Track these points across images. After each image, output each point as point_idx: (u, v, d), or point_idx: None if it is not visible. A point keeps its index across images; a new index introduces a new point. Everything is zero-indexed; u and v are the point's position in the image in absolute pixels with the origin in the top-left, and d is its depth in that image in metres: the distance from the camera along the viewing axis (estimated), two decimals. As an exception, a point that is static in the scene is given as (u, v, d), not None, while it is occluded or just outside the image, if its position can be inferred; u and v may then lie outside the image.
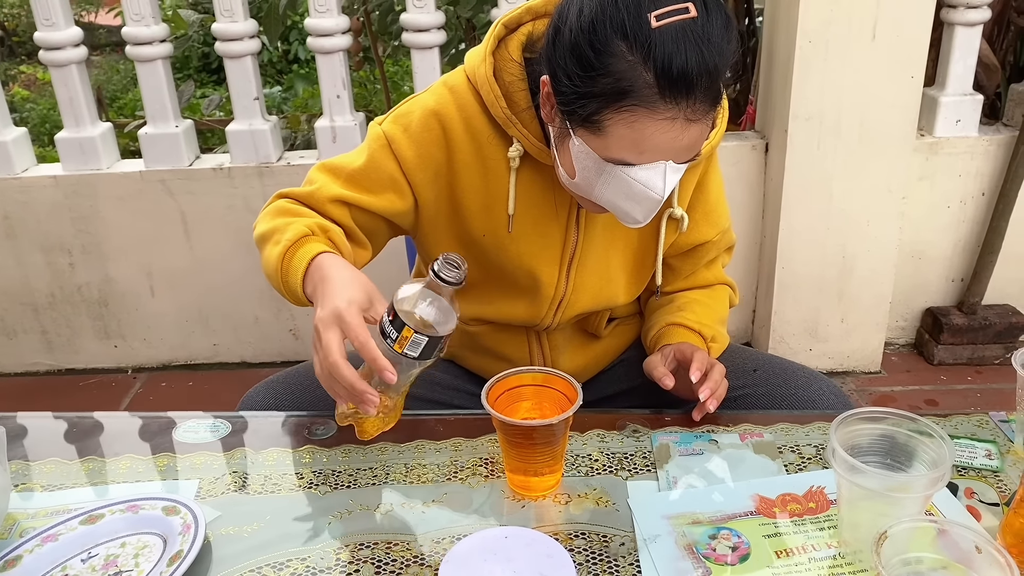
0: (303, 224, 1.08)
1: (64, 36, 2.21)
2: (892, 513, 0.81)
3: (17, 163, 2.34)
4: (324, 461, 1.05)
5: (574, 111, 0.95)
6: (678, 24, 0.88)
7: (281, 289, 1.07)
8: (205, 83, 5.46)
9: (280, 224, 1.09)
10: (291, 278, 1.04)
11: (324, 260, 1.03)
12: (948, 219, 2.43)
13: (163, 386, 2.50)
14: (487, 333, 1.26)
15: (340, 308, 0.93)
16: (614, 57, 0.90)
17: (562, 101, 0.97)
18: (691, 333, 1.22)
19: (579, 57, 0.92)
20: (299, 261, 1.04)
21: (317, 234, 1.08)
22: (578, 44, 0.92)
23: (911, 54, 2.09)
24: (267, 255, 1.09)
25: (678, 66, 0.88)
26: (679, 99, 0.90)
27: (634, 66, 0.90)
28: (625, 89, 0.90)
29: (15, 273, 2.43)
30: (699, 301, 1.28)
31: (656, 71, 0.89)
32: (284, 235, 1.07)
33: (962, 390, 2.36)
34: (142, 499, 0.96)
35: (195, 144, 2.41)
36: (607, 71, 0.91)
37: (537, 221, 1.15)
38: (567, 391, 0.99)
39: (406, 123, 1.13)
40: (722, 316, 1.29)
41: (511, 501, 0.98)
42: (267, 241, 1.10)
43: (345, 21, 2.21)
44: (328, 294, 0.97)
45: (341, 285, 0.97)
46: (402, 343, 0.92)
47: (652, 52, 0.88)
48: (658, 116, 0.91)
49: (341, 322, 0.93)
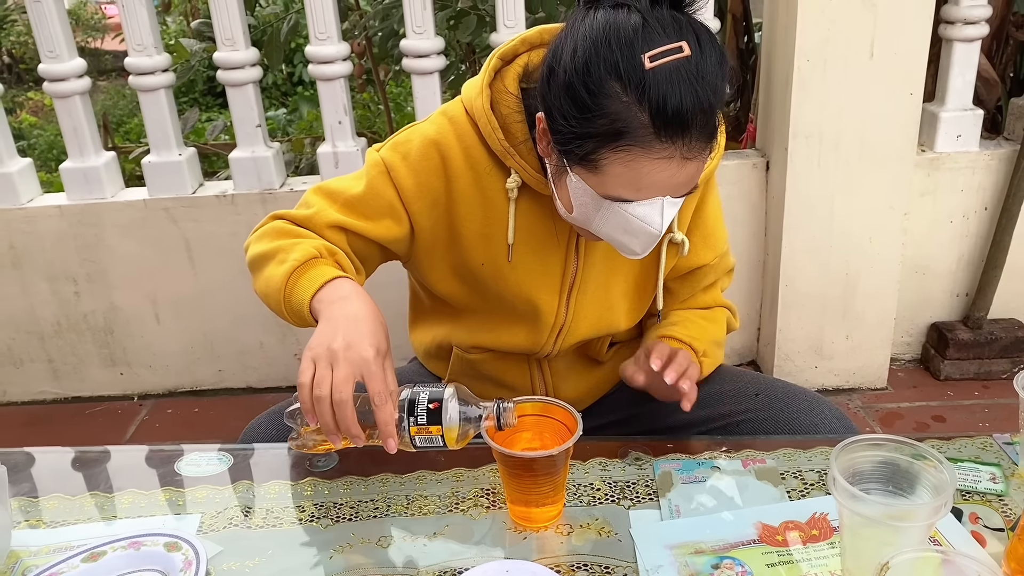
0: (311, 246, 1.07)
1: (67, 68, 2.23)
2: (895, 541, 0.81)
3: (23, 193, 2.35)
4: (326, 493, 1.05)
5: (571, 150, 0.96)
6: (672, 64, 0.88)
7: (281, 307, 1.06)
8: (210, 106, 5.50)
9: (285, 244, 1.08)
10: (296, 297, 1.03)
11: (345, 286, 1.02)
12: (951, 234, 2.43)
13: (169, 413, 2.51)
14: (488, 361, 1.26)
15: (367, 356, 0.93)
16: (609, 98, 0.90)
17: (558, 140, 0.97)
18: (681, 345, 1.21)
19: (574, 98, 0.93)
20: (309, 281, 1.03)
21: (325, 256, 1.07)
22: (572, 85, 0.92)
23: (910, 71, 2.09)
24: (269, 273, 1.08)
25: (673, 106, 0.88)
26: (675, 138, 0.90)
27: (629, 107, 0.90)
28: (620, 130, 0.91)
29: (21, 302, 2.45)
30: (693, 320, 1.27)
31: (651, 111, 0.89)
32: (290, 255, 1.06)
33: (969, 405, 2.35)
34: (144, 535, 0.96)
35: (198, 172, 2.43)
36: (602, 112, 0.91)
37: (536, 250, 1.15)
38: (567, 420, 0.99)
39: (405, 151, 1.13)
40: (717, 337, 1.28)
41: (513, 532, 0.97)
42: (269, 260, 1.09)
43: (345, 48, 2.23)
44: (350, 329, 0.95)
45: (366, 323, 0.96)
46: (421, 431, 0.93)
47: (647, 93, 0.88)
48: (654, 155, 0.91)
49: (365, 368, 0.92)
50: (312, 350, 0.95)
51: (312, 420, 0.94)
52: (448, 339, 1.28)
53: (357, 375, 0.92)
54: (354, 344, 0.93)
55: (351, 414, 0.91)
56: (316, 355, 0.94)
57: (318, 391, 0.92)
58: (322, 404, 0.92)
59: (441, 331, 1.29)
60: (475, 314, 1.23)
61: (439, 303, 1.26)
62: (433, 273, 1.19)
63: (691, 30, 0.91)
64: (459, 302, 1.22)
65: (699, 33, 0.91)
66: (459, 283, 1.19)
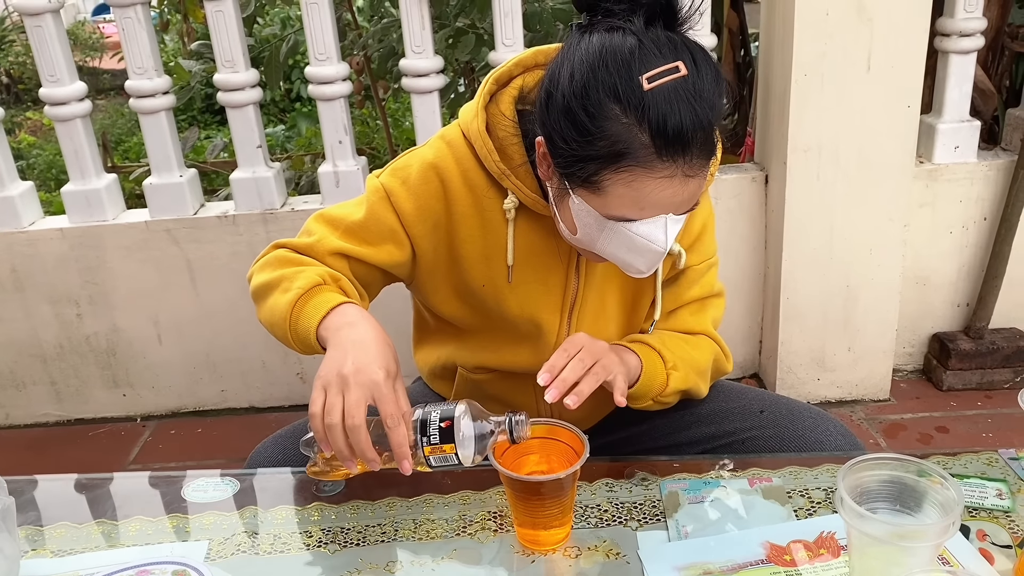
0: (315, 273, 1.08)
1: (68, 91, 2.24)
2: (903, 561, 0.81)
3: (24, 217, 2.36)
4: (333, 518, 1.05)
5: (573, 173, 0.96)
6: (670, 84, 0.89)
7: (287, 336, 1.07)
8: (208, 124, 5.51)
9: (288, 273, 1.10)
10: (302, 325, 1.04)
11: (350, 312, 1.03)
12: (951, 245, 2.43)
13: (172, 433, 2.50)
14: (492, 381, 1.26)
15: (377, 379, 0.93)
16: (609, 120, 0.91)
17: (559, 163, 0.98)
18: (646, 348, 1.16)
19: (573, 121, 0.93)
20: (314, 309, 1.03)
21: (329, 283, 1.08)
22: (571, 109, 0.93)
23: (907, 84, 2.10)
24: (273, 302, 1.09)
25: (673, 126, 0.89)
26: (676, 157, 0.91)
27: (629, 128, 0.91)
28: (622, 151, 0.91)
29: (23, 325, 2.45)
30: (673, 338, 1.21)
31: (651, 132, 0.90)
32: (294, 283, 1.07)
33: (972, 416, 2.35)
34: (152, 563, 0.96)
35: (199, 192, 2.44)
36: (603, 134, 0.92)
37: (537, 270, 1.16)
38: (574, 443, 0.99)
39: (404, 176, 1.14)
40: (695, 360, 1.21)
41: (521, 556, 0.97)
42: (273, 289, 1.10)
43: (345, 68, 2.24)
44: (359, 354, 0.96)
45: (374, 347, 0.97)
46: (435, 451, 0.94)
47: (647, 113, 0.89)
48: (656, 175, 0.92)
49: (376, 391, 0.93)
50: (322, 378, 0.95)
51: (327, 448, 0.95)
52: (452, 360, 1.28)
53: (369, 398, 0.93)
54: (364, 368, 0.94)
55: (365, 438, 0.92)
56: (326, 382, 0.94)
57: (329, 419, 0.93)
58: (334, 432, 0.93)
59: (445, 352, 1.29)
60: (479, 334, 1.23)
61: (443, 324, 1.27)
62: (436, 295, 1.20)
63: (686, 49, 0.92)
64: (462, 323, 1.23)
65: (694, 52, 0.92)
66: (461, 304, 1.20)
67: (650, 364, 1.14)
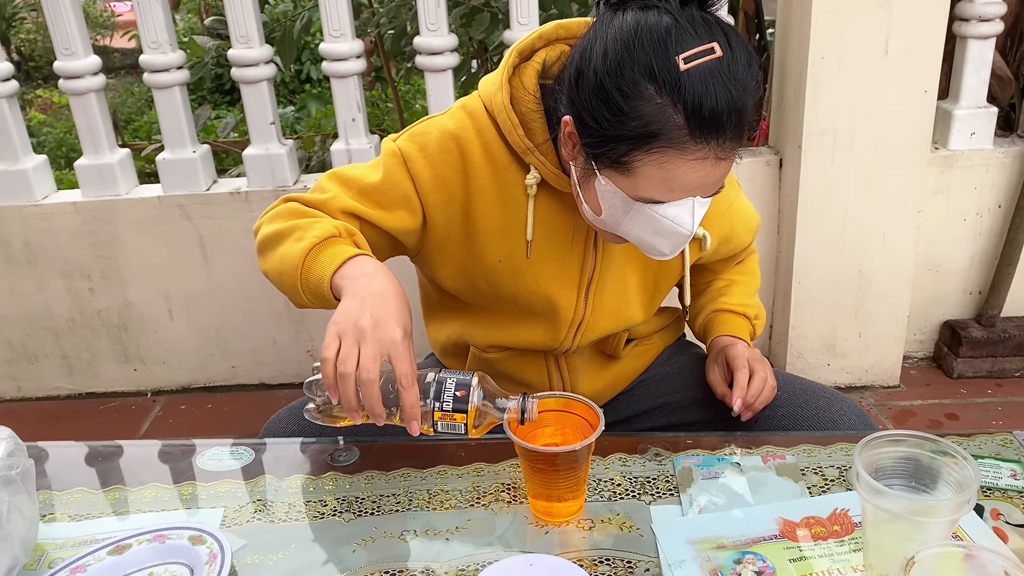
0: (330, 224, 1.05)
1: (83, 65, 2.24)
2: (918, 537, 0.81)
3: (37, 190, 2.37)
4: (347, 488, 1.06)
5: (602, 153, 0.95)
6: (705, 65, 0.88)
7: (296, 284, 1.03)
8: (219, 104, 5.51)
9: (302, 223, 1.06)
10: (315, 272, 1.01)
11: (368, 263, 1.00)
12: (964, 232, 2.42)
13: (182, 409, 2.52)
14: (506, 359, 1.26)
15: (396, 337, 0.92)
16: (643, 100, 0.90)
17: (588, 143, 0.97)
18: (736, 317, 1.33)
19: (606, 101, 0.92)
20: (329, 258, 1.01)
21: (344, 236, 1.05)
22: (604, 87, 0.92)
23: (924, 68, 2.09)
24: (284, 251, 1.05)
25: (708, 107, 0.89)
26: (709, 139, 0.91)
27: (663, 108, 0.90)
28: (655, 132, 0.91)
29: (36, 299, 2.46)
30: (736, 281, 1.38)
31: (687, 112, 0.89)
32: (308, 232, 1.04)
33: (982, 403, 2.35)
34: (168, 528, 0.97)
35: (212, 169, 2.44)
36: (636, 114, 0.91)
37: (555, 246, 1.15)
38: (589, 416, 0.99)
39: (423, 142, 1.12)
40: (756, 286, 1.41)
41: (534, 527, 0.98)
42: (285, 238, 1.06)
43: (359, 45, 2.23)
44: (378, 307, 0.93)
45: (393, 302, 0.95)
46: (445, 417, 0.94)
47: (682, 94, 0.88)
48: (689, 156, 0.92)
49: (393, 348, 0.91)
50: (338, 324, 0.93)
51: (334, 395, 0.93)
52: (464, 337, 1.27)
53: (385, 355, 0.91)
54: (382, 323, 0.92)
55: (377, 394, 0.91)
56: (342, 330, 0.92)
57: (343, 368, 0.90)
58: (346, 381, 0.91)
59: (455, 328, 1.28)
60: (488, 311, 1.22)
61: (448, 299, 1.25)
62: (443, 269, 1.18)
63: (720, 30, 0.91)
64: (468, 298, 1.21)
65: (728, 33, 0.91)
66: (470, 279, 1.18)
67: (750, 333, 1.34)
